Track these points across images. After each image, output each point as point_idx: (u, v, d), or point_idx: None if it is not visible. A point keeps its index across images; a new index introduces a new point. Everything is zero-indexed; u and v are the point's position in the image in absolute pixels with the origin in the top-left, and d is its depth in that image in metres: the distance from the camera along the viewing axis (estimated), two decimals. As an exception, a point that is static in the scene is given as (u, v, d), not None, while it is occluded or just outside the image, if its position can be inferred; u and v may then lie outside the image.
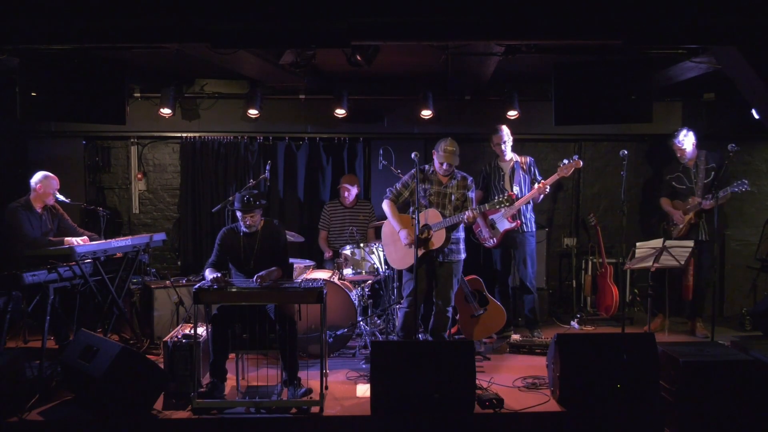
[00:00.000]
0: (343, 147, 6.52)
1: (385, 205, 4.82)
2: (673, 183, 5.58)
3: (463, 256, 4.78)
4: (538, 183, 5.37)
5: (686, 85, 5.90)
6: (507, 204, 4.53)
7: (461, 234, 4.78)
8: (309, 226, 6.49)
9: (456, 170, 4.79)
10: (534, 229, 5.52)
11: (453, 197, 4.71)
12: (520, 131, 5.99)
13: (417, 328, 4.75)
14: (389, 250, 4.89)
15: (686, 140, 5.45)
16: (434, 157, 4.77)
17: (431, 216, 4.64)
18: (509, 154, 5.50)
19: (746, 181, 5.16)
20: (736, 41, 4.08)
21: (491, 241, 5.41)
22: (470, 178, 4.80)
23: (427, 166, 4.85)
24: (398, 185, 4.85)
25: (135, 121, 6.28)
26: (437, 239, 4.59)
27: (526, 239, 5.43)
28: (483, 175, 5.67)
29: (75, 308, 4.90)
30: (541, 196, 5.32)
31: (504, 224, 5.33)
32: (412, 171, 4.82)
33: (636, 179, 6.71)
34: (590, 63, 4.59)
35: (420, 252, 4.58)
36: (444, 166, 4.69)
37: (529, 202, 5.40)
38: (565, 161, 5.20)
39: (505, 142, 5.45)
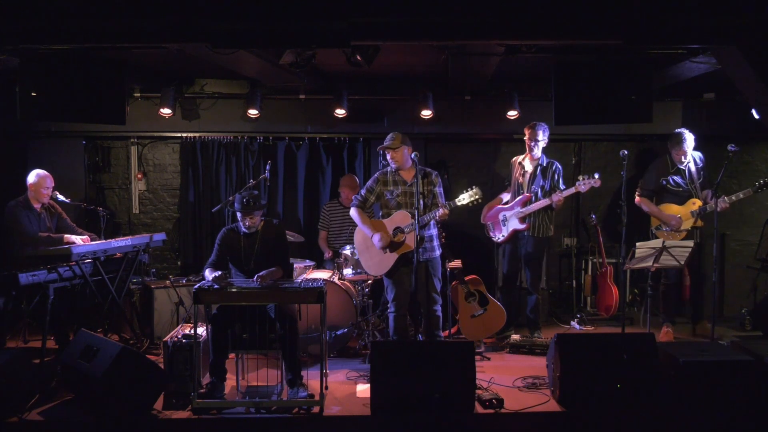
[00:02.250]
0: (343, 147, 6.52)
1: (353, 213, 4.74)
2: (669, 185, 5.44)
3: (438, 252, 4.73)
4: (558, 191, 5.26)
5: (686, 85, 5.90)
6: (477, 197, 4.44)
7: (433, 231, 4.70)
8: (309, 226, 6.49)
9: (419, 166, 4.69)
10: (545, 235, 5.39)
11: (417, 195, 4.61)
12: (520, 131, 5.98)
13: (408, 330, 4.73)
14: (364, 257, 4.79)
15: (691, 144, 5.33)
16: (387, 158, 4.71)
17: (401, 218, 4.59)
18: (538, 154, 5.37)
19: (750, 189, 5.13)
20: (736, 41, 4.08)
21: (500, 236, 5.41)
22: (434, 173, 4.70)
23: (388, 169, 4.76)
24: (363, 191, 4.78)
25: (135, 121, 6.28)
26: (411, 240, 4.51)
27: (535, 242, 5.36)
28: (510, 168, 5.58)
29: (75, 308, 4.91)
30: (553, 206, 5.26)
31: (514, 224, 5.31)
32: (376, 175, 4.79)
33: (636, 179, 6.68)
34: (590, 63, 4.59)
35: (396, 255, 4.56)
36: (393, 159, 4.62)
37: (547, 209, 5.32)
38: (586, 178, 5.10)
39: (538, 141, 5.31)
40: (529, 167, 5.41)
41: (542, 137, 5.33)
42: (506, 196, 5.58)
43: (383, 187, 4.72)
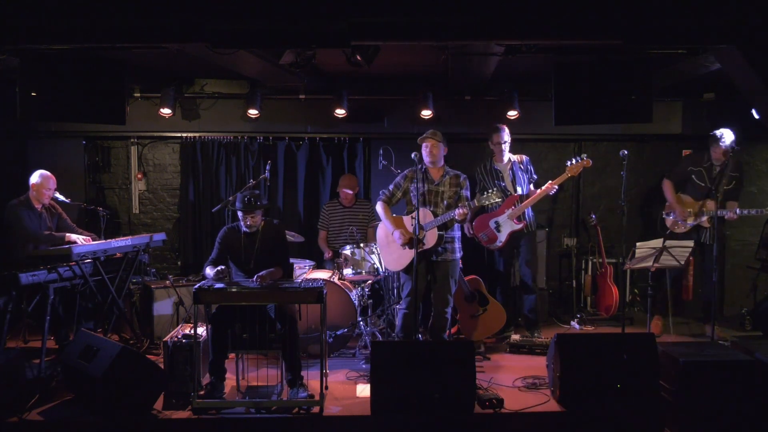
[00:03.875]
0: (343, 147, 6.52)
1: (379, 207, 4.81)
2: (694, 176, 5.47)
3: (458, 255, 4.74)
4: (534, 182, 5.36)
5: (686, 85, 5.90)
6: (497, 198, 4.42)
7: (456, 233, 4.73)
8: (309, 226, 6.49)
9: (448, 168, 4.77)
10: (535, 229, 5.50)
11: (445, 195, 4.67)
12: (520, 131, 5.99)
13: (417, 329, 4.74)
14: (384, 252, 4.87)
15: (729, 142, 5.30)
16: (422, 151, 4.70)
17: (422, 216, 4.58)
18: (507, 155, 5.44)
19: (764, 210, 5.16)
20: (736, 41, 4.08)
21: (497, 243, 5.40)
22: (463, 176, 4.74)
23: (419, 166, 4.78)
24: (391, 187, 4.84)
25: (135, 121, 6.28)
26: (430, 238, 4.55)
27: (530, 239, 5.41)
28: (479, 179, 5.53)
29: (75, 308, 4.91)
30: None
31: (511, 226, 5.31)
32: (405, 172, 4.83)
33: (636, 179, 6.71)
34: (590, 63, 4.59)
35: (413, 251, 4.57)
36: (431, 152, 4.62)
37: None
38: (574, 160, 5.12)
39: (505, 143, 5.39)
40: (504, 169, 5.44)
41: (508, 138, 5.42)
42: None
43: (410, 183, 4.74)
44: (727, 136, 5.32)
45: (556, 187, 5.20)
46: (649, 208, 6.65)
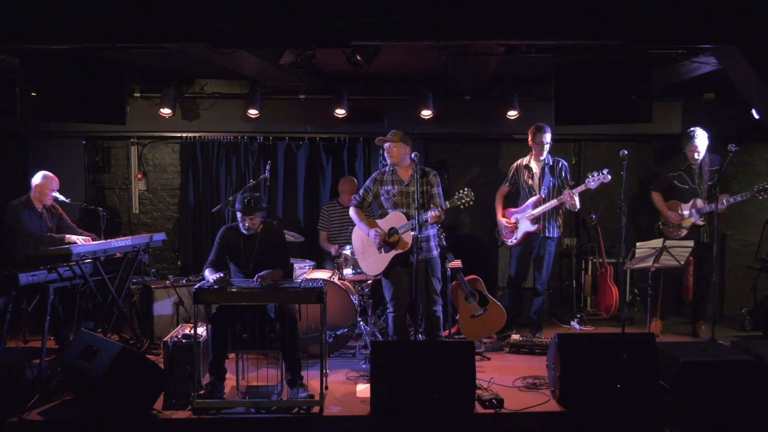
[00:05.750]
0: (343, 147, 6.52)
1: (352, 213, 4.77)
2: (675, 181, 5.52)
3: (435, 252, 4.70)
4: (568, 187, 5.30)
5: (686, 85, 5.91)
6: (467, 199, 4.37)
7: (430, 231, 4.68)
8: (309, 227, 6.49)
9: (418, 165, 4.70)
10: (556, 235, 5.42)
11: (416, 195, 4.60)
12: (520, 131, 5.99)
13: (408, 330, 4.73)
14: (361, 258, 4.80)
15: (702, 141, 5.38)
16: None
17: (396, 218, 4.57)
18: (544, 155, 5.41)
19: (748, 192, 5.15)
20: (736, 41, 4.08)
21: (513, 240, 5.42)
22: (433, 173, 4.67)
23: (387, 168, 4.75)
24: (361, 191, 4.81)
25: (135, 121, 6.28)
26: (406, 240, 4.51)
27: (546, 243, 5.39)
28: (513, 171, 5.57)
29: (75, 308, 4.91)
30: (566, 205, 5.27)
31: (526, 226, 5.32)
32: (374, 175, 4.80)
33: (636, 179, 6.70)
34: (590, 63, 4.59)
35: (391, 255, 4.55)
36: (389, 152, 4.62)
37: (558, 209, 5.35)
38: (595, 174, 5.09)
39: (547, 144, 5.35)
40: (536, 169, 5.43)
41: (549, 140, 5.37)
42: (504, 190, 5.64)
43: (380, 186, 4.72)
44: (699, 133, 5.39)
45: (576, 198, 5.19)
46: (649, 208, 6.64)
